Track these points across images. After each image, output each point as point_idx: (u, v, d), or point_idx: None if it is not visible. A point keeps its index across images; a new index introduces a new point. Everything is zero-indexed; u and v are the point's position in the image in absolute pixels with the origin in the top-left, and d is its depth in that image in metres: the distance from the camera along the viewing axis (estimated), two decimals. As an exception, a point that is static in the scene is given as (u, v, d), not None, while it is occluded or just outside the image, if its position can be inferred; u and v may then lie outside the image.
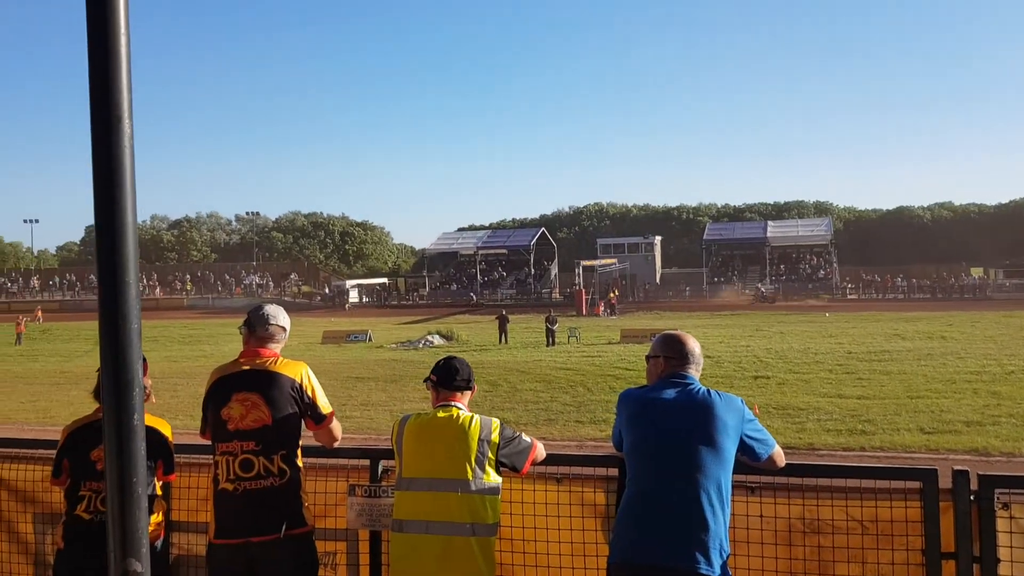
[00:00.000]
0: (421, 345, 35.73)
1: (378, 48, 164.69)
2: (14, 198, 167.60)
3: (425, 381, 3.84)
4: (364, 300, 76.12)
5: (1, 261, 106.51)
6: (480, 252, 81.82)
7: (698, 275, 76.26)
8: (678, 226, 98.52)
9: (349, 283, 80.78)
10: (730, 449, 3.28)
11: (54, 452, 4.57)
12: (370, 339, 39.03)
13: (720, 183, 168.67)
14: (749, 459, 3.42)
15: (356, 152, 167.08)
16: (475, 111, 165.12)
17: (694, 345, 3.54)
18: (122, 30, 2.13)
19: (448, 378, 3.73)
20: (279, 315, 3.97)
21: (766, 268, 73.25)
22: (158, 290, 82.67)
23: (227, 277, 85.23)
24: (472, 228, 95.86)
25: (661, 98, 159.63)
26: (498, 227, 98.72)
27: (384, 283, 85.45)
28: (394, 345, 36.49)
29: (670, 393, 3.38)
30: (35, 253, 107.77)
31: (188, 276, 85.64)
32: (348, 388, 20.42)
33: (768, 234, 75.81)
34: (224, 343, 37.37)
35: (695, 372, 3.49)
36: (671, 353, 3.50)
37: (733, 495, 3.36)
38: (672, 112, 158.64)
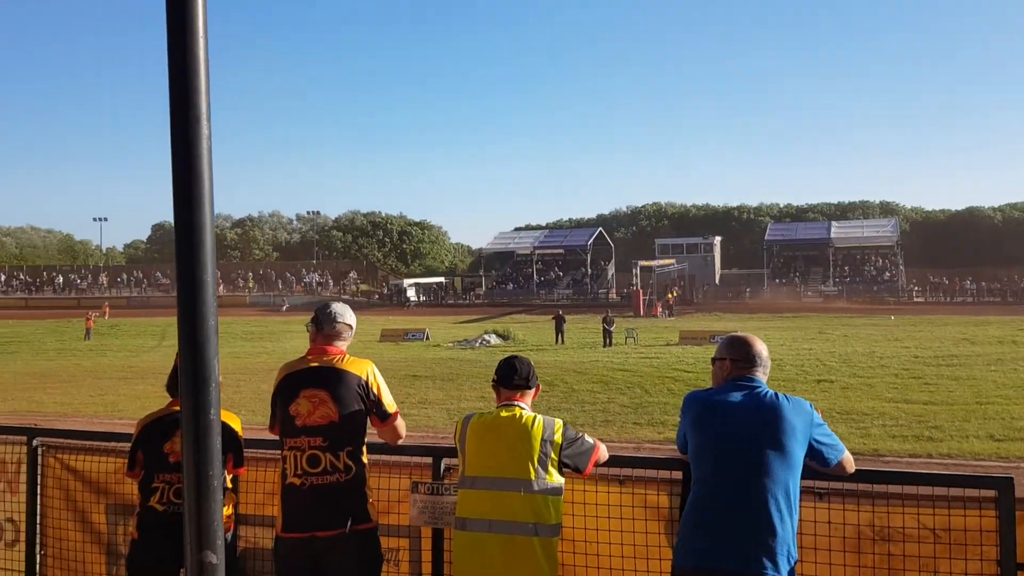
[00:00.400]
0: (477, 344, 35.90)
1: (438, 47, 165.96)
2: (85, 197, 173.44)
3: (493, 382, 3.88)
4: (421, 299, 76.78)
5: (72, 258, 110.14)
6: (537, 252, 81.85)
7: (759, 276, 75.11)
8: (738, 226, 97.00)
9: (407, 282, 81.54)
10: (798, 454, 3.22)
11: (125, 445, 4.73)
12: (427, 338, 39.34)
13: (782, 183, 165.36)
14: (818, 464, 3.35)
15: (415, 152, 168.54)
16: (533, 110, 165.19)
17: (761, 347, 3.48)
18: (200, 32, 2.17)
19: (508, 377, 3.74)
20: (345, 313, 4.03)
21: (829, 270, 71.82)
22: (221, 287, 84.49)
23: (288, 275, 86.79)
24: (529, 228, 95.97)
25: (720, 96, 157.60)
26: (555, 227, 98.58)
27: (441, 282, 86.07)
28: (451, 344, 36.73)
29: (736, 396, 3.33)
30: (104, 250, 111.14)
31: (250, 274, 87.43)
32: (406, 386, 20.60)
33: (832, 235, 74.31)
34: (285, 340, 38.08)
35: (762, 375, 3.44)
36: (737, 355, 3.45)
37: (800, 500, 3.30)
38: (732, 111, 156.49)
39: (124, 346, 39.37)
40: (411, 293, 76.56)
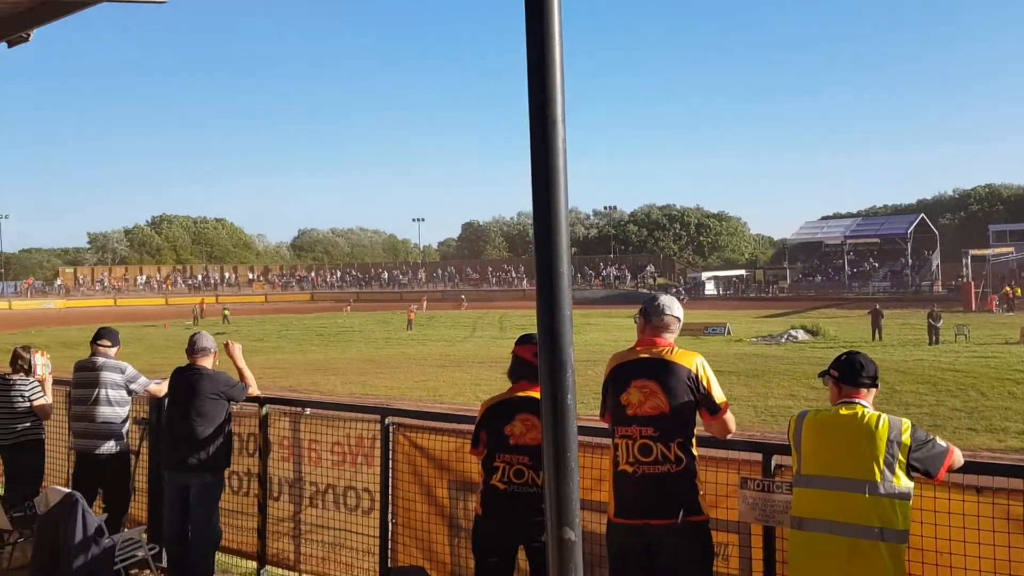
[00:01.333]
0: (783, 340, 34.40)
1: (736, 33, 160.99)
2: (405, 200, 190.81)
3: (822, 376, 3.69)
4: (721, 292, 75.17)
5: (394, 255, 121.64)
6: (848, 241, 76.89)
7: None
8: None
9: (705, 275, 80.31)
10: None
11: (465, 426, 5.13)
12: (728, 332, 38.41)
13: None
14: None
15: (711, 143, 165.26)
16: (839, 89, 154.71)
17: None
18: (557, 39, 2.30)
19: (852, 374, 3.54)
20: (673, 306, 4.06)
21: None
22: (525, 282, 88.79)
23: (586, 269, 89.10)
24: (838, 216, 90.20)
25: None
26: (869, 214, 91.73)
27: (741, 275, 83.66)
28: (754, 339, 35.56)
29: None
30: (421, 248, 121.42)
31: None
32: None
33: None
34: (585, 332, 39.05)
35: None
36: None
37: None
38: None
39: (441, 336, 42.73)
40: (709, 286, 75.27)
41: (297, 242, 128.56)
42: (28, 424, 7.13)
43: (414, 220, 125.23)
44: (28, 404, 7.07)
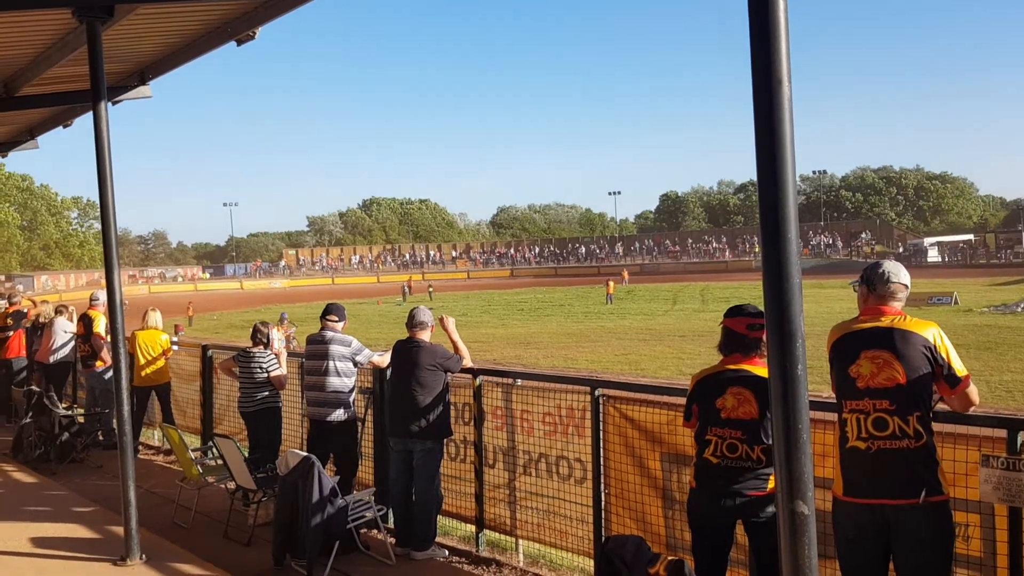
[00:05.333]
0: (1020, 309, 31.40)
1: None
2: (602, 173, 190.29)
3: None
4: (946, 259, 69.55)
5: (590, 230, 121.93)
6: (1096, 199, 68.66)
7: None
8: None
9: (927, 241, 74.59)
10: None
11: (675, 398, 5.09)
12: (956, 302, 35.57)
13: None
14: None
15: (930, 97, 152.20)
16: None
17: None
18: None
19: None
20: (899, 272, 3.80)
21: None
22: (727, 252, 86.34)
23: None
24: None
25: None
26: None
27: (970, 240, 76.91)
28: (986, 309, 32.71)
29: None
30: (618, 222, 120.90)
31: (755, 238, 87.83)
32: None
33: None
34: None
35: None
36: None
37: None
38: None
39: (640, 309, 42.52)
40: (933, 253, 69.85)
41: (496, 219, 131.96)
42: (267, 393, 7.81)
43: (610, 194, 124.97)
44: (265, 375, 7.75)
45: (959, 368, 3.57)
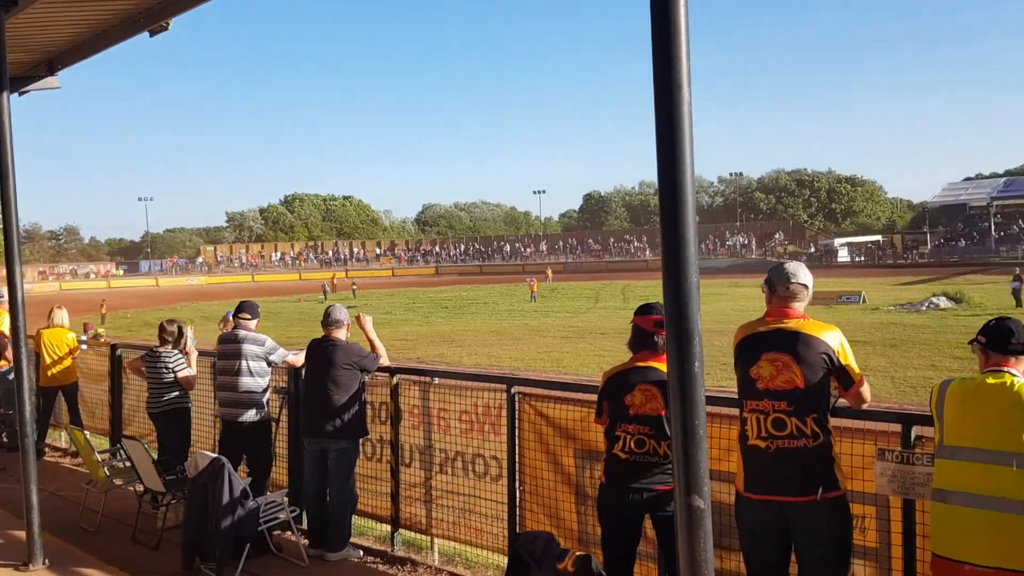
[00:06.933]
0: (924, 307, 32.79)
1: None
2: (526, 172, 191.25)
3: (971, 343, 3.50)
4: (856, 259, 72.08)
5: (515, 228, 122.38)
6: (995, 203, 72.10)
7: None
8: None
9: (838, 241, 77.13)
10: None
11: (588, 395, 5.15)
12: (864, 301, 36.92)
13: None
14: None
15: (841, 102, 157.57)
16: (982, 33, 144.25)
17: None
18: (681, 2, 2.26)
19: (1001, 340, 3.34)
20: (799, 272, 3.89)
21: None
22: (647, 252, 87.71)
23: (712, 238, 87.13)
24: (981, 177, 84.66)
25: None
26: (1018, 174, 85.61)
27: (878, 241, 79.89)
28: (892, 307, 34.05)
29: None
30: (542, 220, 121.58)
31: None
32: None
33: None
34: (711, 302, 38.28)
35: None
36: None
37: None
38: None
39: (564, 308, 42.85)
40: (843, 253, 72.31)
41: (421, 217, 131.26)
42: (175, 394, 7.62)
43: (535, 192, 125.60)
44: (173, 376, 7.55)
45: (855, 371, 3.71)
